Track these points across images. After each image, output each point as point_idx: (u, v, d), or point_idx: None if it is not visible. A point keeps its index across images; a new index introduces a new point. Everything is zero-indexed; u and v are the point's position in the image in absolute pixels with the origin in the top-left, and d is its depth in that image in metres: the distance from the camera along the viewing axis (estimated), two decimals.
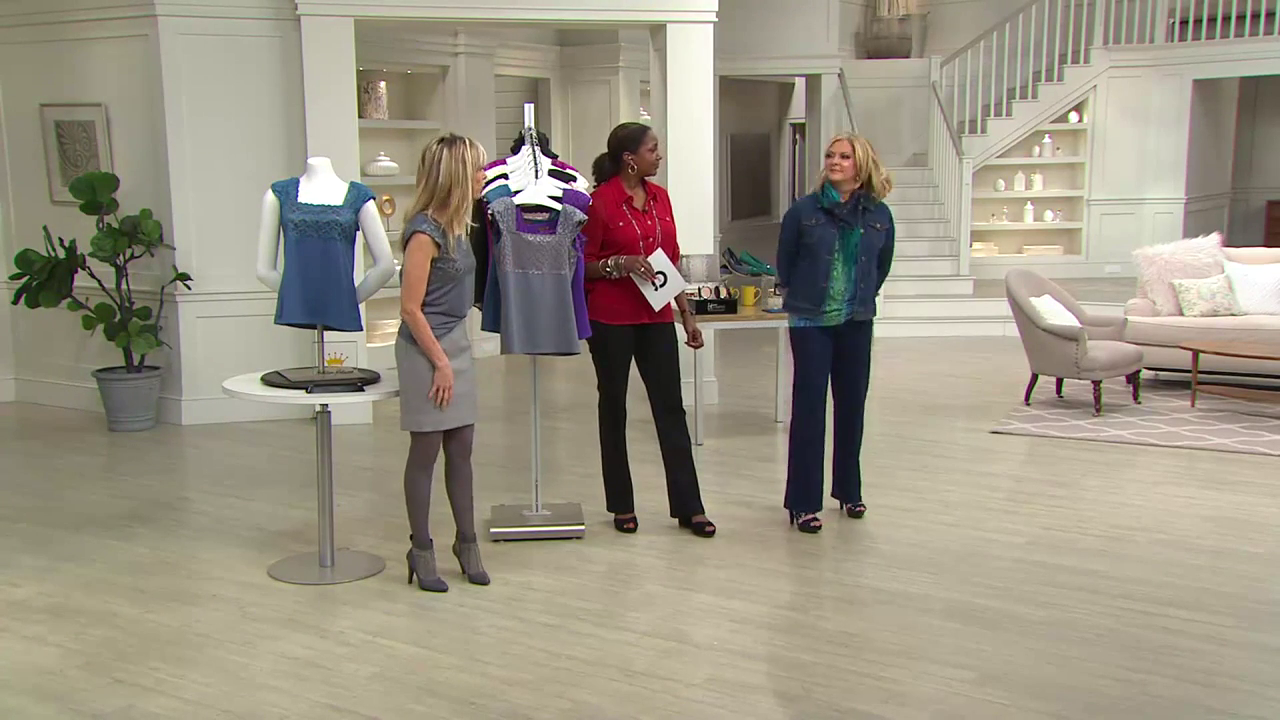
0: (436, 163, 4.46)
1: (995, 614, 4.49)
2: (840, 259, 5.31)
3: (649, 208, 5.38)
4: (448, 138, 4.53)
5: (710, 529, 5.44)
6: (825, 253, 5.30)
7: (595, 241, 5.28)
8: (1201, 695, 3.82)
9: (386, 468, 6.53)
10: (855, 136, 5.38)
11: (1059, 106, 13.35)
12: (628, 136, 5.32)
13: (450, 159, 4.45)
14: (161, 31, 7.39)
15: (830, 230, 5.30)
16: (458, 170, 4.45)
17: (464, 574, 4.87)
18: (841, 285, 5.34)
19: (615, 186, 5.35)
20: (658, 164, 5.35)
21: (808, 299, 5.38)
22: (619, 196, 5.33)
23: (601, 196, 5.32)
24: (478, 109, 10.15)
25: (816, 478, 5.53)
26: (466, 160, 4.47)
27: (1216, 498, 5.95)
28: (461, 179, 4.46)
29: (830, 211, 5.30)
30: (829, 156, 5.30)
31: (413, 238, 4.46)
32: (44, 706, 3.80)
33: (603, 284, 5.30)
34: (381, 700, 3.82)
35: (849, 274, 5.33)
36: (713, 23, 7.95)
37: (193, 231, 7.61)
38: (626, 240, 5.28)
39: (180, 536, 5.51)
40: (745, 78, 13.55)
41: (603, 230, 5.27)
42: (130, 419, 7.59)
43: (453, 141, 4.50)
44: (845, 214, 5.29)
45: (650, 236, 5.32)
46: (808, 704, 3.77)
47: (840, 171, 5.25)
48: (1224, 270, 8.72)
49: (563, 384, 9.16)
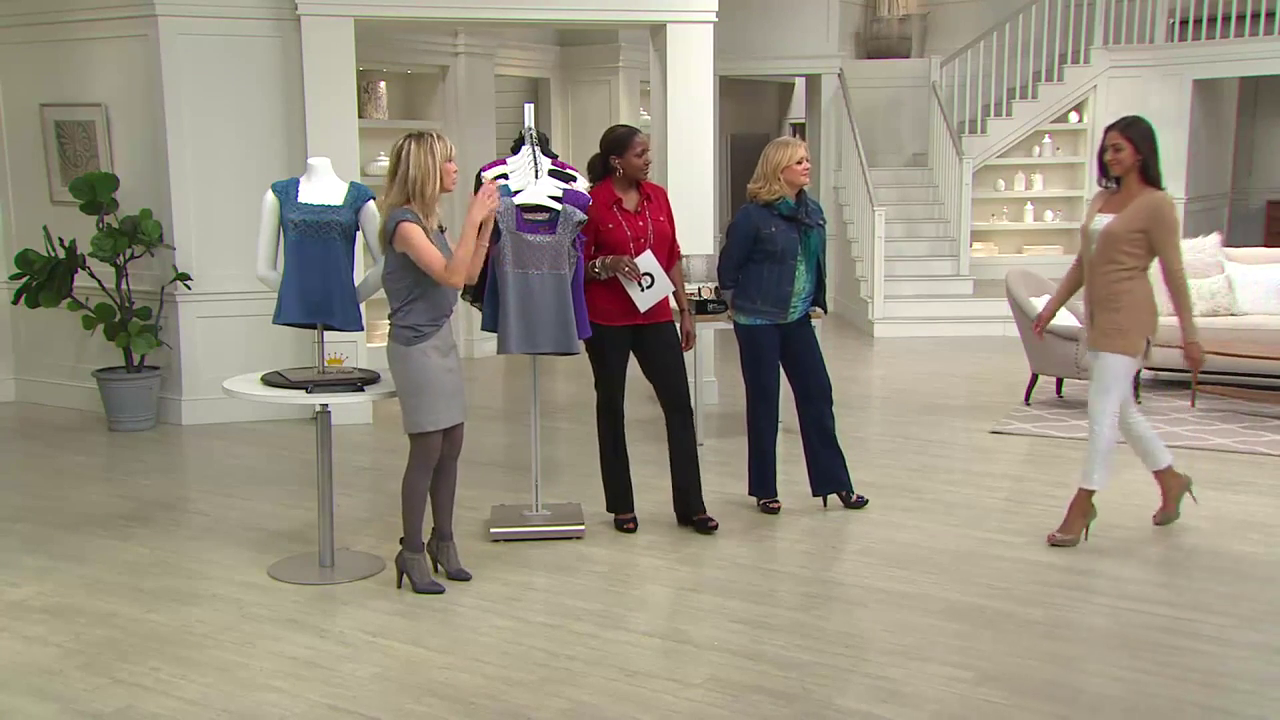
0: (406, 157, 4.51)
1: (995, 614, 4.49)
2: (802, 260, 5.56)
3: (641, 209, 5.37)
4: (415, 133, 4.58)
5: (713, 525, 5.45)
6: (790, 258, 5.53)
7: (588, 243, 5.29)
8: (1201, 695, 3.82)
9: (386, 468, 6.53)
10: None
11: (1059, 106, 13.35)
12: (615, 140, 5.33)
13: (420, 152, 4.50)
14: (161, 31, 7.40)
15: (792, 235, 5.52)
16: (428, 163, 4.50)
17: (440, 572, 4.87)
18: (803, 284, 5.60)
19: (605, 188, 5.36)
20: (645, 168, 5.34)
21: (772, 302, 5.57)
22: (609, 198, 5.33)
23: (593, 198, 5.33)
24: (478, 109, 10.16)
25: (772, 464, 5.77)
26: (435, 153, 4.52)
27: (1216, 498, 5.95)
28: (432, 171, 4.51)
29: (790, 218, 5.50)
30: (798, 164, 5.48)
31: (399, 226, 4.48)
32: (44, 706, 3.80)
33: (596, 285, 5.30)
34: (381, 700, 3.82)
35: (810, 273, 5.62)
36: (713, 23, 7.95)
37: (193, 231, 7.61)
38: (615, 241, 5.29)
39: (180, 536, 5.51)
40: (745, 78, 13.55)
41: (593, 232, 5.28)
42: (130, 419, 7.59)
43: (421, 136, 4.56)
44: (804, 217, 5.53)
45: (641, 238, 5.32)
46: (807, 704, 3.77)
47: (809, 176, 5.53)
48: (1224, 270, 8.72)
49: (563, 384, 9.16)
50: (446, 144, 4.59)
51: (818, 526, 5.59)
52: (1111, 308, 5.08)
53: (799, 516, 5.71)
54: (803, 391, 5.74)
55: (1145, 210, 4.99)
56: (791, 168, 5.46)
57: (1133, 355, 5.10)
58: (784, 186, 5.46)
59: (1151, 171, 5.02)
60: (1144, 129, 5.03)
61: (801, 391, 5.75)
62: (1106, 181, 5.13)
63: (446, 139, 4.61)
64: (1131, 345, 5.08)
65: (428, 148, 4.51)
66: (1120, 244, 5.01)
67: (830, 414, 5.75)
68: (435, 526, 4.90)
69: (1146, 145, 5.00)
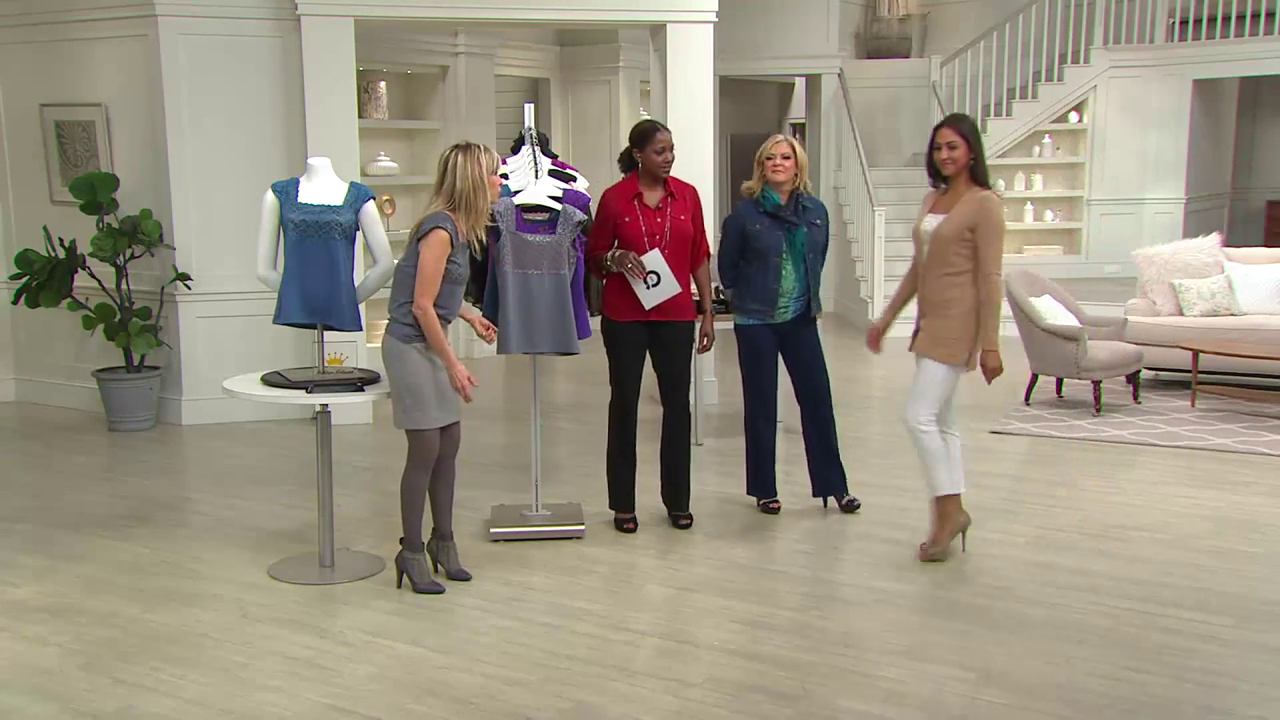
0: (454, 169, 4.52)
1: (995, 614, 4.49)
2: (789, 259, 5.50)
3: (663, 205, 5.31)
4: (462, 144, 4.60)
5: (684, 522, 5.49)
6: (774, 255, 5.49)
7: (606, 234, 5.29)
8: (1201, 695, 3.82)
9: (386, 468, 6.53)
10: (791, 139, 5.56)
11: (1059, 106, 13.35)
12: (639, 134, 5.32)
13: (467, 163, 4.52)
14: (161, 31, 7.40)
15: (776, 232, 5.48)
16: (475, 172, 4.52)
17: (440, 572, 4.87)
18: (791, 283, 5.53)
19: (630, 181, 5.35)
20: (663, 166, 5.27)
21: (760, 300, 5.54)
22: (630, 191, 5.31)
23: (615, 189, 5.35)
24: (478, 109, 10.16)
25: (770, 464, 5.75)
26: (483, 164, 4.54)
27: (1216, 498, 5.95)
28: (481, 183, 4.52)
29: (774, 214, 5.46)
30: (770, 159, 5.45)
31: (432, 232, 4.48)
32: (44, 706, 3.80)
33: (612, 280, 5.31)
34: (381, 700, 3.82)
35: (798, 272, 5.53)
36: (713, 23, 7.96)
37: (193, 231, 7.61)
38: (630, 236, 5.27)
39: (180, 536, 5.51)
40: (745, 78, 13.55)
41: (611, 224, 5.28)
42: (130, 419, 7.59)
43: (467, 147, 4.57)
44: (789, 215, 5.47)
45: (656, 235, 5.27)
46: (808, 704, 3.77)
47: (783, 172, 5.44)
48: (1224, 270, 8.72)
49: (563, 384, 9.16)
50: (493, 155, 4.62)
51: (818, 526, 5.59)
52: (941, 314, 4.91)
53: (799, 516, 5.71)
54: (800, 393, 5.74)
55: (974, 209, 4.81)
56: (763, 162, 5.46)
57: (955, 365, 4.92)
58: (764, 181, 5.46)
59: (980, 170, 4.85)
60: (973, 126, 4.87)
61: (799, 393, 5.75)
62: (936, 181, 4.97)
63: (493, 150, 4.63)
64: (955, 354, 4.90)
65: (474, 159, 4.52)
66: (951, 245, 4.84)
67: (826, 417, 5.72)
68: (435, 526, 4.90)
69: (977, 143, 4.84)
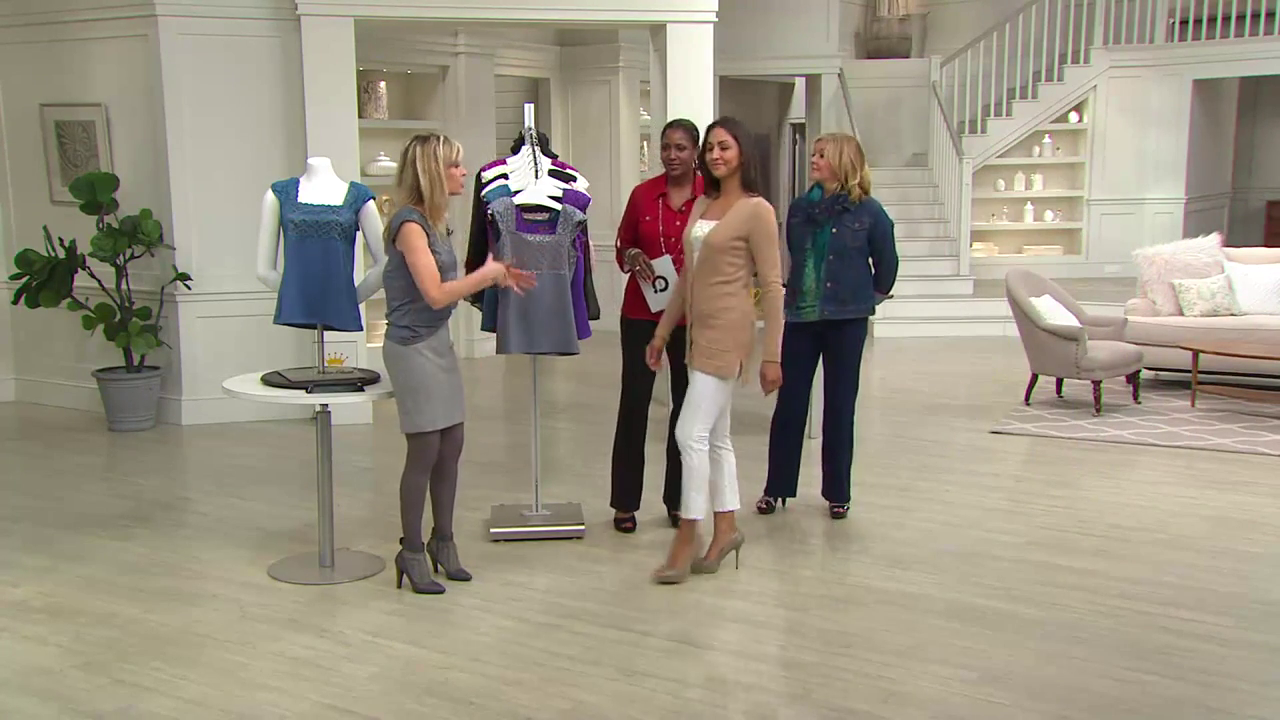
0: (412, 161, 4.54)
1: (995, 614, 4.49)
2: (811, 257, 5.45)
3: (686, 209, 5.17)
4: (422, 136, 4.60)
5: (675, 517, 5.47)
6: (798, 251, 5.49)
7: (630, 229, 5.30)
8: (1201, 695, 3.82)
9: (386, 468, 6.53)
10: (840, 137, 5.50)
11: (1059, 106, 13.35)
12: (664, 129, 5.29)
13: (424, 156, 4.52)
14: (161, 31, 7.39)
15: (804, 229, 5.47)
16: (431, 166, 4.51)
17: (441, 573, 4.87)
18: (811, 282, 5.46)
19: (660, 179, 5.32)
20: (675, 164, 5.17)
21: (790, 296, 5.49)
22: (657, 190, 5.30)
23: (644, 185, 5.37)
24: (478, 109, 10.16)
25: (790, 465, 5.72)
26: (439, 156, 4.53)
27: (1216, 498, 5.95)
28: (437, 174, 4.51)
29: (808, 210, 5.45)
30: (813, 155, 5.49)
31: (402, 227, 4.48)
32: (44, 706, 3.80)
33: (632, 276, 5.33)
34: (381, 700, 3.82)
35: (818, 272, 5.44)
36: (713, 23, 7.95)
37: (193, 231, 7.61)
38: (646, 235, 5.26)
39: (180, 536, 5.51)
40: (745, 78, 13.55)
41: (633, 220, 5.30)
42: (130, 419, 7.59)
43: (425, 140, 4.57)
44: (818, 213, 5.44)
45: (673, 236, 5.19)
46: (808, 704, 3.77)
47: (818, 170, 5.44)
48: (1224, 270, 8.72)
49: (563, 384, 9.16)
50: (452, 147, 4.59)
51: (818, 527, 5.59)
52: (710, 324, 4.72)
53: (800, 517, 5.71)
54: (824, 399, 5.77)
55: (745, 217, 4.66)
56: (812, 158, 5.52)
57: (727, 377, 4.75)
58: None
59: (751, 176, 4.71)
60: (746, 130, 4.74)
61: (824, 399, 5.78)
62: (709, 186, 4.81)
63: (453, 142, 4.62)
64: (727, 367, 4.72)
65: (431, 152, 4.52)
66: (722, 253, 4.67)
67: (839, 423, 5.66)
68: (436, 527, 4.90)
69: (750, 146, 4.71)
